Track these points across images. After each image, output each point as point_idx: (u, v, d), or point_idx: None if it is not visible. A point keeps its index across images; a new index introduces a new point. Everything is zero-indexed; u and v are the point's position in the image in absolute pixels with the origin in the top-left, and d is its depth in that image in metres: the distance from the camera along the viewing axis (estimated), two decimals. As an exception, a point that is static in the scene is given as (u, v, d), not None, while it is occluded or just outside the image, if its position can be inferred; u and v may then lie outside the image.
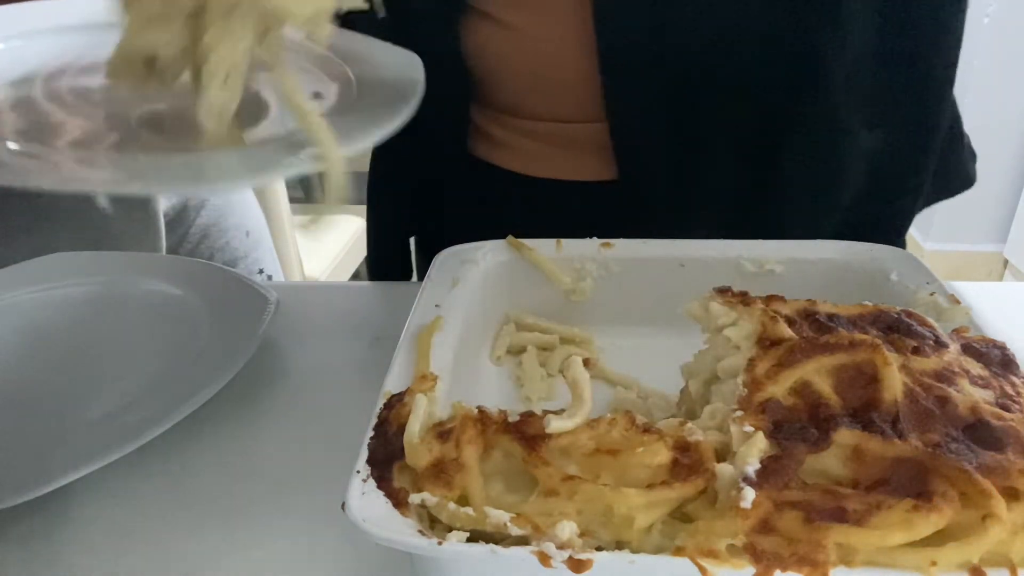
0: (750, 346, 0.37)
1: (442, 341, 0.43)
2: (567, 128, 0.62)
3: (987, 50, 2.14)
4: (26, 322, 0.61)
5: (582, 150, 0.62)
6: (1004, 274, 2.36)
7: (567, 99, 0.61)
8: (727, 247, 0.53)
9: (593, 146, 0.61)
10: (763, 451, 0.31)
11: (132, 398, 0.49)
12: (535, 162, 0.64)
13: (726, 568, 0.28)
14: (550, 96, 0.61)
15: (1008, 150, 2.24)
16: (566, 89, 0.60)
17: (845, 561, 0.28)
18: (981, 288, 0.61)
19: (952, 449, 0.31)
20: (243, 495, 0.44)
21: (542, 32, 0.58)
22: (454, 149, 0.67)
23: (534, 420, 0.34)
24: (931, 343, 0.37)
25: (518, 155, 0.64)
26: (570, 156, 0.63)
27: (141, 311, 0.61)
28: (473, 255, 0.53)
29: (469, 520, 0.31)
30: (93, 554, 0.40)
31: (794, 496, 0.29)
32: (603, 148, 0.60)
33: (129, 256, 0.69)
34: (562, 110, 0.62)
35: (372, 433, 0.35)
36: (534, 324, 0.55)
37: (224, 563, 0.40)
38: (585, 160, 0.63)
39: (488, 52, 0.61)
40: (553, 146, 0.63)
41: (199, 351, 0.53)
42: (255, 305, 0.57)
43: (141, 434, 0.44)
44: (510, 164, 0.65)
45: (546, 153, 0.64)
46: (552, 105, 0.62)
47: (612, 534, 0.31)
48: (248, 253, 0.94)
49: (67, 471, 0.41)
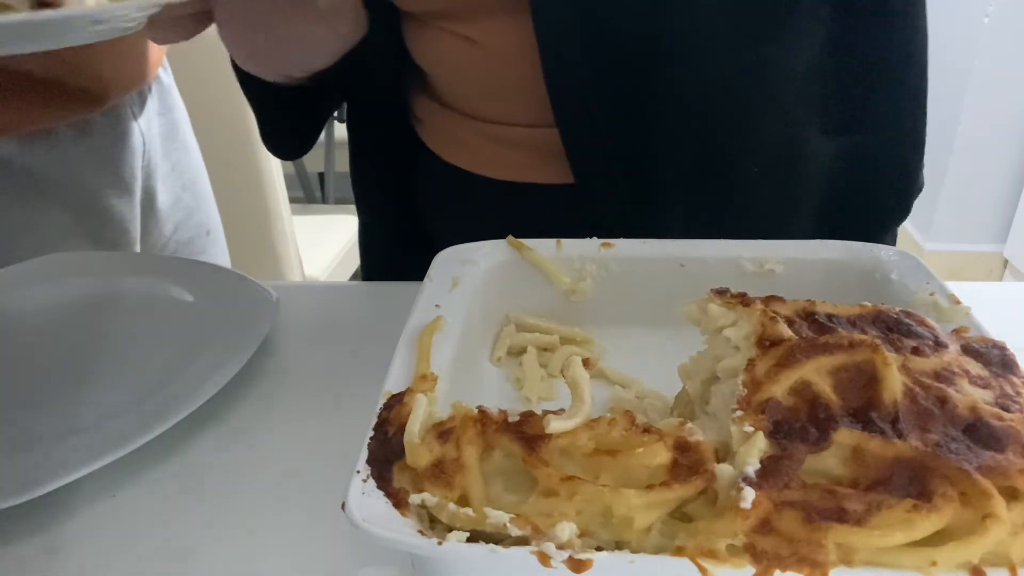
0: (749, 346, 0.37)
1: (442, 341, 0.43)
2: (524, 132, 0.63)
3: (987, 50, 2.14)
4: (26, 322, 0.61)
5: (540, 154, 0.63)
6: (1004, 274, 2.36)
7: (521, 106, 0.62)
8: (727, 247, 0.53)
9: (550, 150, 0.62)
10: (763, 451, 0.31)
11: (133, 398, 0.49)
12: (492, 163, 0.65)
13: (726, 568, 0.28)
14: (505, 102, 0.63)
15: (1008, 150, 2.25)
16: (518, 97, 0.61)
17: (845, 561, 0.28)
18: (981, 288, 0.61)
19: (952, 449, 0.31)
20: (243, 495, 0.44)
21: (490, 43, 0.59)
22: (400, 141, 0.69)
23: (534, 420, 0.34)
24: (931, 343, 0.37)
25: (484, 158, 0.65)
26: (527, 159, 0.64)
27: (142, 310, 0.61)
28: (473, 255, 0.53)
29: (469, 521, 0.31)
30: (92, 553, 0.40)
31: (794, 496, 0.29)
32: (559, 152, 0.61)
33: (129, 256, 0.69)
34: (518, 115, 0.63)
35: (372, 433, 0.35)
36: (534, 324, 0.55)
37: (223, 562, 0.40)
38: (542, 163, 0.64)
39: (443, 60, 0.63)
40: (513, 149, 0.65)
41: (200, 350, 0.53)
42: (257, 304, 0.57)
43: (141, 434, 0.44)
44: (478, 168, 0.66)
45: (509, 156, 0.65)
46: (509, 111, 0.63)
47: (612, 534, 0.31)
48: (206, 249, 0.96)
49: (67, 471, 0.41)
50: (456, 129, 0.66)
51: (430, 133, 0.69)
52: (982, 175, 2.28)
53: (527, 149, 0.64)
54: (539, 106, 0.59)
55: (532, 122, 0.62)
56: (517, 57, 0.58)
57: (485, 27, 0.59)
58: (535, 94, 0.59)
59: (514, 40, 0.58)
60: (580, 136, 0.60)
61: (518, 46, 0.58)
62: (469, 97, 0.64)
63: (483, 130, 0.65)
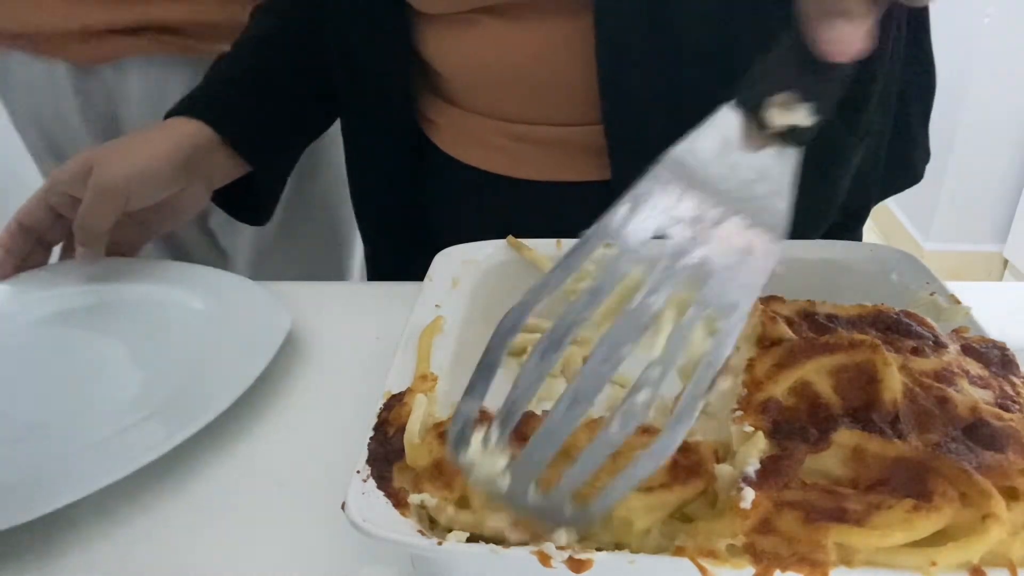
0: (750, 346, 0.37)
1: (442, 341, 0.43)
2: (560, 131, 0.62)
3: (987, 50, 2.14)
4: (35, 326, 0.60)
5: (575, 152, 0.62)
6: (1004, 274, 2.36)
7: (561, 103, 0.61)
8: (727, 247, 0.53)
9: (586, 148, 0.61)
10: (763, 451, 0.31)
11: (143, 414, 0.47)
12: (522, 164, 0.64)
13: (726, 568, 0.28)
14: (543, 100, 0.61)
15: (1008, 150, 2.25)
16: (560, 93, 0.60)
17: (845, 561, 0.28)
18: (981, 288, 0.61)
19: (952, 449, 0.31)
20: (243, 494, 0.44)
21: (538, 37, 0.58)
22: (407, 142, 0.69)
23: (533, 420, 0.34)
24: (931, 343, 0.37)
25: (507, 159, 0.64)
26: (562, 158, 0.63)
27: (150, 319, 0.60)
28: (473, 255, 0.53)
29: (468, 525, 0.31)
30: (92, 553, 0.40)
31: (794, 496, 0.30)
32: (597, 149, 0.60)
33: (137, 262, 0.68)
34: (556, 113, 0.62)
35: (372, 433, 0.35)
36: (535, 325, 0.54)
37: (223, 562, 0.40)
38: (577, 161, 0.63)
39: (469, 62, 0.62)
40: (545, 148, 0.64)
41: (211, 362, 0.52)
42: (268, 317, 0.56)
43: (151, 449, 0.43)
44: (499, 168, 0.65)
45: (537, 156, 0.64)
46: (545, 109, 0.62)
47: (611, 537, 0.31)
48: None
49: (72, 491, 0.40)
50: (476, 130, 0.65)
51: (444, 136, 0.68)
52: (982, 175, 2.28)
53: (563, 147, 0.63)
54: (579, 102, 0.58)
55: (568, 120, 0.61)
56: (562, 49, 0.57)
57: (536, 25, 0.58)
58: (577, 89, 0.58)
59: (559, 33, 0.57)
60: (627, 130, 0.59)
61: (563, 37, 0.57)
62: (504, 98, 0.63)
63: (514, 131, 0.64)
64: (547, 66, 0.59)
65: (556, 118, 0.62)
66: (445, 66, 0.63)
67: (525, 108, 0.62)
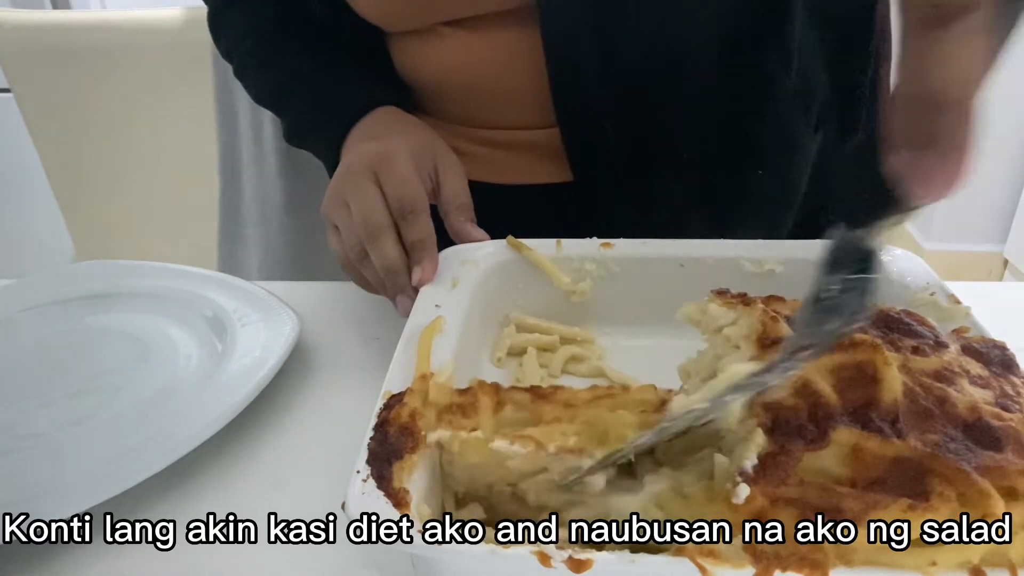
0: (749, 345, 0.37)
1: (442, 341, 0.43)
2: (522, 135, 0.64)
3: (987, 50, 2.14)
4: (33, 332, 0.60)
5: (539, 155, 0.64)
6: (1004, 274, 2.36)
7: (521, 108, 0.63)
8: (727, 247, 0.53)
9: (549, 151, 0.63)
10: (761, 448, 0.31)
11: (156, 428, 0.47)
12: (491, 168, 0.66)
13: (726, 568, 0.28)
14: (503, 105, 0.63)
15: (1008, 150, 2.24)
16: (519, 99, 0.62)
17: (844, 561, 0.28)
18: (981, 288, 0.61)
19: (951, 449, 0.31)
20: (243, 494, 0.44)
21: (492, 46, 0.60)
22: None
23: (539, 388, 0.39)
24: (931, 343, 0.37)
25: (476, 164, 0.65)
26: (527, 162, 0.65)
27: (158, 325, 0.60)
28: (473, 255, 0.53)
29: (479, 445, 0.34)
30: (91, 552, 0.40)
31: (791, 493, 0.30)
32: (559, 152, 0.62)
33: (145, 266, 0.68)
34: (516, 118, 0.64)
35: (372, 433, 0.35)
36: (535, 324, 0.55)
37: (223, 563, 0.40)
38: (542, 164, 0.64)
39: (441, 71, 0.63)
40: (510, 153, 0.65)
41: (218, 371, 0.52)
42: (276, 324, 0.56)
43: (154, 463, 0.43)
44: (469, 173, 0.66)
45: (503, 160, 0.65)
46: (506, 114, 0.64)
47: (606, 449, 0.33)
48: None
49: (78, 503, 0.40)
50: (445, 136, 0.65)
51: None
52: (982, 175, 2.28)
53: (527, 150, 0.64)
54: (536, 107, 0.60)
55: (528, 124, 0.63)
56: (515, 58, 0.59)
57: (491, 36, 0.60)
58: (533, 95, 0.60)
59: (519, 46, 0.59)
60: (582, 134, 0.61)
61: (514, 46, 0.59)
62: (468, 105, 0.65)
63: (480, 136, 0.65)
64: (506, 73, 0.61)
65: (518, 123, 0.64)
66: (414, 76, 0.66)
67: (489, 114, 0.64)
